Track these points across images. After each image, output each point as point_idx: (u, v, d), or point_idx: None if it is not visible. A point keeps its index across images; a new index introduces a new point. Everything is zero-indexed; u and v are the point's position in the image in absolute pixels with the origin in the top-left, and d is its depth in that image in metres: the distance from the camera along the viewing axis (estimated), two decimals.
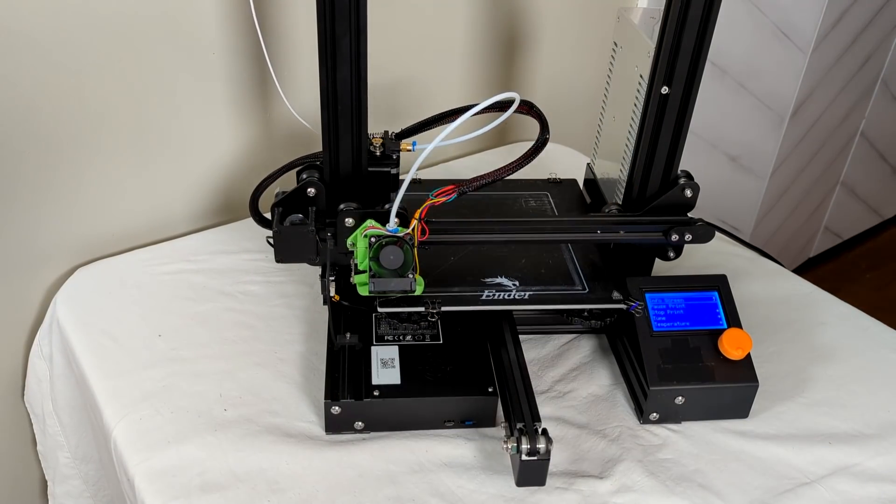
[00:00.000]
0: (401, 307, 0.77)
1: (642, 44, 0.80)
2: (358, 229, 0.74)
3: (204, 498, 0.69)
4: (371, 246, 0.73)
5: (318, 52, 0.70)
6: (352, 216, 0.75)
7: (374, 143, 0.79)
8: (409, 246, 0.73)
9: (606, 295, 0.81)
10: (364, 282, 0.74)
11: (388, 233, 0.73)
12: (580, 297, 0.81)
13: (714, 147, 1.62)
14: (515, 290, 0.81)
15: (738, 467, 0.75)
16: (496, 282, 0.81)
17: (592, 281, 0.83)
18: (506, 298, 0.80)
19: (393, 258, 0.72)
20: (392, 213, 0.73)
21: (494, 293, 0.80)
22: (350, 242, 0.75)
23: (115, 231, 1.00)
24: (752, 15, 1.49)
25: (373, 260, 0.73)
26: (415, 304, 0.77)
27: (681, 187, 0.82)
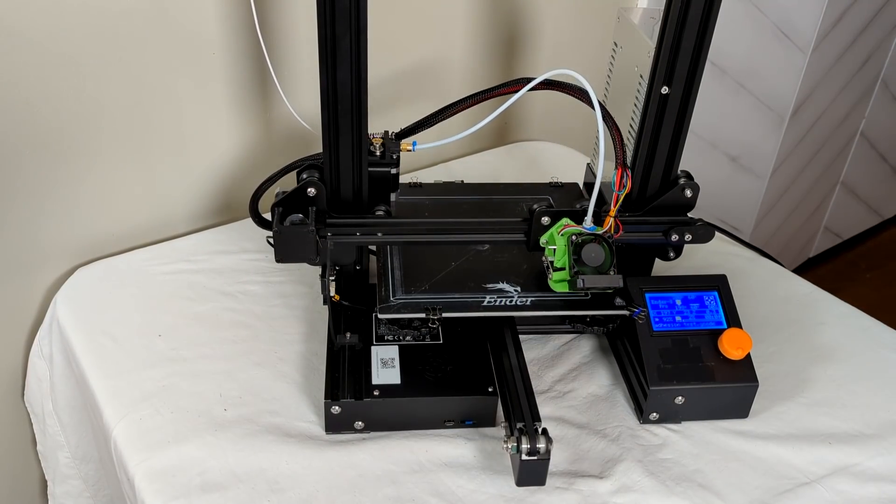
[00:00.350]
0: (401, 313, 0.77)
1: (642, 44, 0.80)
2: (553, 227, 0.76)
3: (204, 498, 0.69)
4: (572, 244, 0.74)
5: (318, 52, 0.70)
6: (548, 215, 0.76)
7: (374, 144, 0.79)
8: (608, 243, 0.74)
9: (609, 301, 0.80)
10: (563, 278, 0.75)
11: (586, 231, 0.75)
12: (582, 302, 0.80)
13: (714, 147, 1.62)
14: (517, 295, 0.79)
15: (738, 467, 0.75)
16: (497, 287, 0.80)
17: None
18: (507, 304, 0.79)
19: (594, 255, 0.74)
20: (589, 210, 0.75)
21: (496, 299, 0.79)
22: (545, 240, 0.77)
23: (115, 231, 1.00)
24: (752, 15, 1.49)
25: (575, 258, 0.74)
26: (415, 310, 0.77)
27: (681, 187, 0.82)
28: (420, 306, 0.77)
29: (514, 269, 0.83)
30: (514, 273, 0.82)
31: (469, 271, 0.82)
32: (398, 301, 0.77)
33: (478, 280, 0.81)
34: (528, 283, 0.81)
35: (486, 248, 0.85)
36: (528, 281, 0.81)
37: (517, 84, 0.77)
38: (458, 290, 0.80)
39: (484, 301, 0.79)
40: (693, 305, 0.81)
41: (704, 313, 0.80)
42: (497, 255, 0.85)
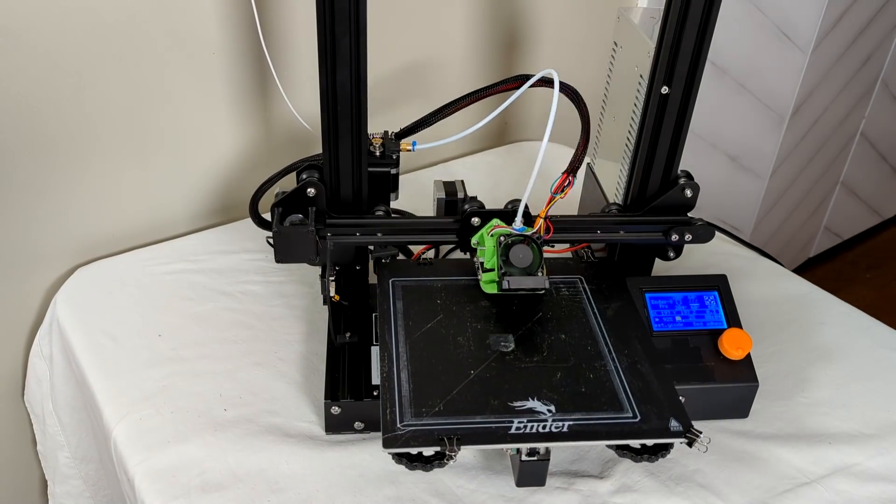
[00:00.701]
0: (410, 447, 0.64)
1: (642, 44, 0.80)
2: (483, 228, 0.76)
3: (204, 498, 0.69)
4: (500, 245, 0.74)
5: (317, 53, 0.70)
6: (478, 216, 0.76)
7: (374, 144, 0.79)
8: (537, 244, 0.74)
9: (663, 425, 0.66)
10: (492, 279, 0.75)
11: (515, 232, 0.74)
12: (631, 428, 0.66)
13: (714, 147, 1.62)
14: (551, 418, 0.66)
15: (738, 467, 0.74)
16: (527, 406, 0.67)
17: (644, 403, 0.68)
18: (541, 432, 0.65)
19: (522, 256, 0.73)
20: (519, 212, 0.74)
21: (526, 424, 0.65)
22: (475, 241, 0.76)
23: (115, 231, 1.00)
24: (752, 15, 1.49)
25: (502, 259, 0.74)
26: (428, 441, 0.64)
27: (681, 187, 0.82)
28: (433, 435, 0.64)
29: (545, 379, 0.70)
30: (546, 385, 0.69)
31: (491, 384, 0.69)
32: (407, 429, 0.64)
33: (502, 396, 0.68)
34: (563, 399, 0.68)
35: (511, 350, 0.72)
36: (562, 397, 0.68)
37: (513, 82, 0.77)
38: (478, 411, 0.66)
39: (511, 427, 0.65)
40: (693, 305, 0.81)
41: (704, 313, 0.80)
42: (524, 360, 0.72)
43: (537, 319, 0.76)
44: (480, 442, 0.64)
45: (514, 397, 0.68)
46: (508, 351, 0.72)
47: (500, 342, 0.73)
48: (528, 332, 0.75)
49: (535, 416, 0.66)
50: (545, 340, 0.74)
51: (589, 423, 0.66)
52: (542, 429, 0.65)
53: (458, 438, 0.63)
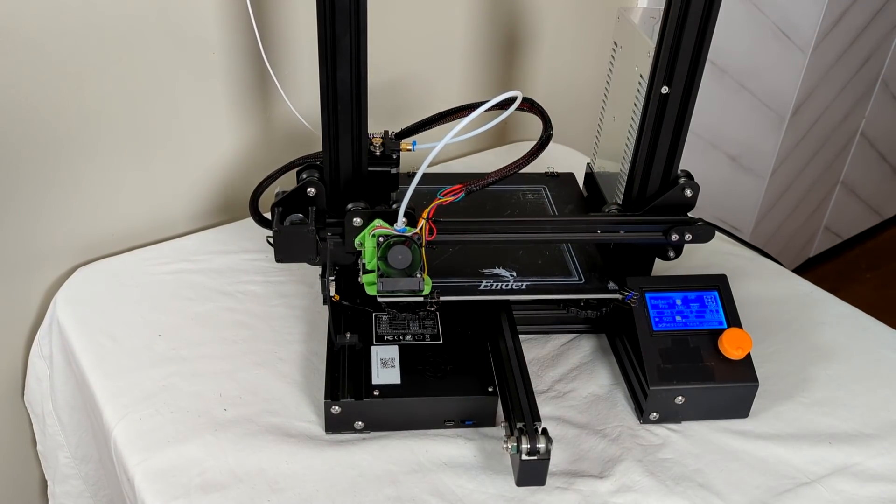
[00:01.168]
0: (399, 297, 0.77)
1: (642, 44, 0.80)
2: (366, 229, 0.75)
3: (204, 498, 0.69)
4: (379, 245, 0.73)
5: (318, 52, 0.70)
6: (360, 216, 0.75)
7: (374, 143, 0.79)
8: (417, 245, 0.73)
9: (602, 286, 0.82)
10: (372, 281, 0.74)
11: (396, 232, 0.73)
12: (577, 287, 0.83)
13: (714, 147, 1.62)
14: (513, 280, 0.82)
15: (738, 467, 0.75)
16: (494, 272, 0.82)
17: (589, 272, 0.84)
18: (504, 288, 0.81)
19: (401, 258, 0.73)
20: (400, 212, 0.73)
21: (492, 283, 0.81)
22: (358, 242, 0.76)
23: (115, 231, 1.00)
24: (752, 15, 1.49)
25: (381, 260, 0.73)
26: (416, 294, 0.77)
27: (681, 187, 0.82)
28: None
29: (510, 255, 0.85)
30: (510, 259, 0.84)
31: (466, 258, 0.85)
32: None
33: (475, 266, 0.83)
34: (523, 268, 0.83)
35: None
36: (523, 266, 0.84)
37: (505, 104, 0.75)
38: (455, 276, 0.82)
39: (480, 285, 0.81)
40: (693, 305, 0.81)
41: (704, 313, 0.80)
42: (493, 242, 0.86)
43: (506, 215, 0.94)
44: (455, 294, 0.80)
45: (484, 266, 0.83)
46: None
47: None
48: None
49: (500, 278, 0.82)
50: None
51: (543, 284, 0.82)
52: (504, 286, 0.81)
53: (437, 291, 0.78)
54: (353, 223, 0.75)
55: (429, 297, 0.77)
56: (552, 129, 0.80)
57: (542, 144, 0.78)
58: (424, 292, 0.75)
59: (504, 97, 0.71)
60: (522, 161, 0.76)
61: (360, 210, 0.75)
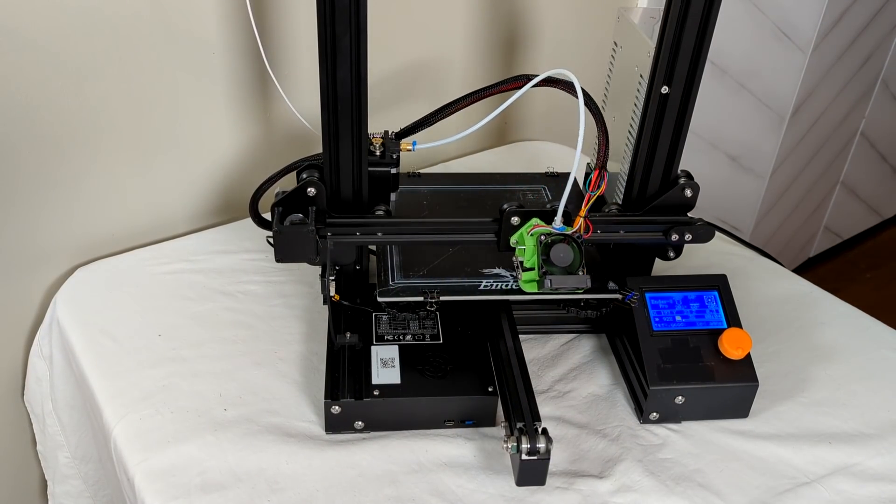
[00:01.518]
0: (400, 297, 0.78)
1: (642, 44, 0.80)
2: (523, 227, 0.76)
3: (204, 498, 0.69)
4: (540, 244, 0.74)
5: (318, 52, 0.70)
6: (518, 215, 0.76)
7: (374, 143, 0.79)
8: (577, 243, 0.74)
9: (602, 286, 0.81)
10: (532, 279, 0.75)
11: (556, 231, 0.74)
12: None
13: (714, 147, 1.62)
14: (513, 279, 0.81)
15: (738, 467, 0.75)
16: (494, 272, 0.82)
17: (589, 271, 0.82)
18: (504, 288, 0.80)
19: (563, 255, 0.73)
20: (559, 211, 0.74)
21: (493, 283, 0.81)
22: (514, 240, 0.76)
23: (115, 231, 1.00)
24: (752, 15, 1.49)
25: (543, 258, 0.74)
26: (414, 293, 0.78)
27: (681, 187, 0.82)
28: (418, 290, 0.79)
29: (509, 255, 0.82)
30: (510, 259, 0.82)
31: (466, 257, 0.84)
32: (397, 285, 0.79)
33: (475, 265, 0.83)
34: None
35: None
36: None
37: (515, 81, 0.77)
38: (455, 275, 0.82)
39: (480, 285, 0.81)
40: (693, 305, 0.81)
41: (704, 313, 0.80)
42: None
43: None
44: (455, 294, 0.79)
45: (484, 266, 0.83)
46: None
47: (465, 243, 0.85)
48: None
49: (501, 278, 0.82)
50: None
51: None
52: (505, 286, 0.81)
53: (437, 291, 0.78)
54: (510, 222, 0.76)
55: (428, 296, 0.78)
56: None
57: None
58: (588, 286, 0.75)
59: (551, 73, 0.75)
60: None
61: (518, 209, 0.76)
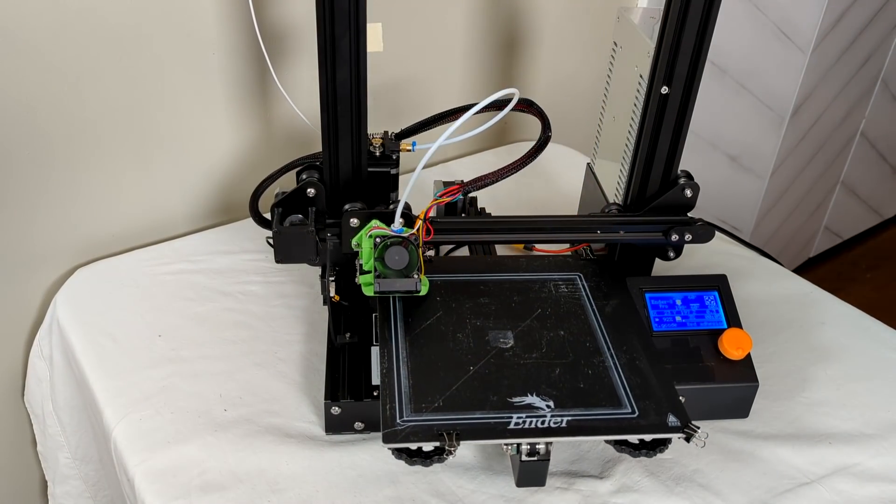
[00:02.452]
0: (409, 442, 0.64)
1: (642, 44, 0.80)
2: (363, 230, 0.75)
3: (204, 498, 0.69)
4: (376, 246, 0.73)
5: (317, 53, 0.70)
6: (357, 216, 0.75)
7: (374, 144, 0.79)
8: (414, 246, 0.73)
9: (661, 420, 0.66)
10: (369, 282, 0.74)
11: (393, 233, 0.73)
12: (629, 423, 0.67)
13: (714, 147, 1.62)
14: (550, 414, 0.66)
15: (738, 467, 0.74)
16: (526, 402, 0.67)
17: (642, 399, 0.69)
18: (539, 427, 0.65)
19: (398, 258, 0.72)
20: (397, 213, 0.73)
21: (525, 419, 0.66)
22: (355, 243, 0.75)
23: (115, 231, 1.00)
24: (752, 15, 1.49)
25: (378, 260, 0.73)
26: (427, 437, 0.64)
27: (681, 187, 0.82)
28: (433, 431, 0.64)
29: (543, 375, 0.70)
30: (545, 381, 0.70)
31: (490, 380, 0.70)
32: (407, 424, 0.65)
33: (501, 392, 0.68)
34: (561, 395, 0.68)
35: (510, 346, 0.73)
36: (561, 393, 0.69)
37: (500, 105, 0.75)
38: (478, 407, 0.67)
39: (510, 423, 0.65)
40: (693, 305, 0.81)
41: (704, 313, 0.80)
42: (523, 357, 0.72)
43: (536, 316, 0.77)
44: (479, 437, 0.65)
45: (513, 393, 0.68)
46: (507, 347, 0.73)
47: (500, 339, 0.74)
48: (527, 329, 0.75)
49: (534, 411, 0.67)
50: (544, 337, 0.74)
51: (587, 419, 0.67)
52: (540, 424, 0.66)
53: (457, 434, 0.64)
54: (350, 224, 0.75)
55: (445, 440, 0.63)
56: (550, 130, 0.79)
57: (541, 146, 0.78)
58: (421, 293, 0.74)
59: (500, 95, 0.71)
60: (520, 162, 0.76)
61: (358, 210, 0.75)
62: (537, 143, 0.78)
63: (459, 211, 0.95)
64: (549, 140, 0.78)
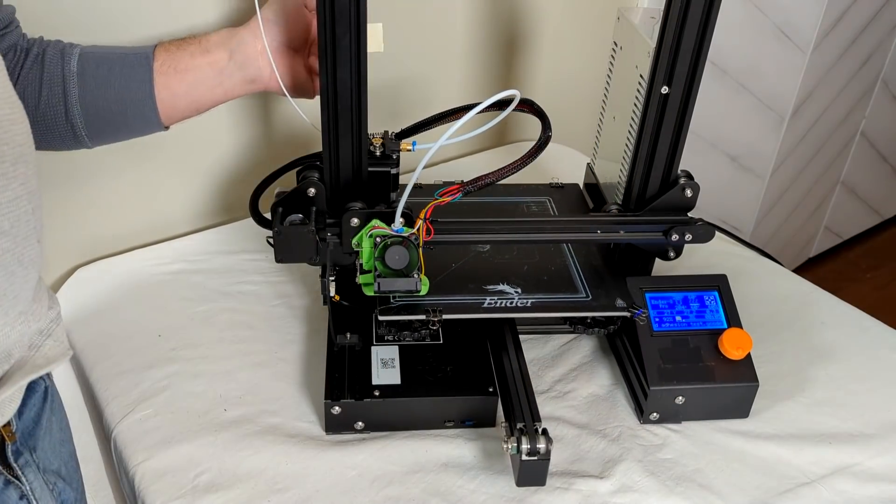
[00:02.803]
0: (401, 315, 0.76)
1: (642, 44, 0.80)
2: (363, 229, 0.75)
3: (204, 498, 0.69)
4: (376, 246, 0.73)
5: (318, 52, 0.70)
6: (357, 216, 0.75)
7: (374, 143, 0.79)
8: (415, 246, 0.73)
9: (610, 302, 0.79)
10: (369, 282, 0.74)
11: (393, 233, 0.73)
12: (583, 304, 0.80)
13: (714, 147, 1.62)
14: (518, 297, 0.79)
15: (738, 467, 0.75)
16: (498, 289, 0.80)
17: (595, 287, 0.81)
18: (508, 306, 0.78)
19: (398, 258, 0.72)
20: (397, 213, 0.73)
21: (496, 300, 0.79)
22: (355, 242, 0.75)
23: (115, 231, 1.00)
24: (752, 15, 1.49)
25: (378, 260, 0.73)
26: (415, 311, 0.76)
27: (681, 187, 0.82)
28: (420, 308, 0.76)
29: (514, 270, 0.83)
30: (515, 274, 0.82)
31: (469, 273, 0.82)
32: (398, 302, 0.77)
33: (478, 282, 0.81)
34: (528, 284, 0.81)
35: (487, 250, 0.85)
36: (528, 282, 0.81)
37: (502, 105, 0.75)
38: (458, 292, 0.79)
39: (484, 303, 0.78)
40: (693, 305, 0.81)
41: (705, 313, 0.80)
42: (497, 257, 0.85)
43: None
44: (458, 312, 0.77)
45: (488, 283, 0.81)
46: (484, 251, 0.86)
47: (478, 245, 0.86)
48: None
49: (505, 295, 0.79)
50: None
51: (549, 301, 0.80)
52: (509, 303, 0.78)
53: (439, 309, 0.76)
54: (350, 223, 0.75)
55: (431, 314, 0.75)
56: (551, 130, 0.79)
57: (541, 146, 0.78)
58: (422, 293, 0.74)
59: (501, 96, 0.71)
60: (521, 162, 0.76)
61: (358, 210, 0.75)
62: (538, 142, 0.78)
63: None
64: (549, 140, 0.78)
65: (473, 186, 0.74)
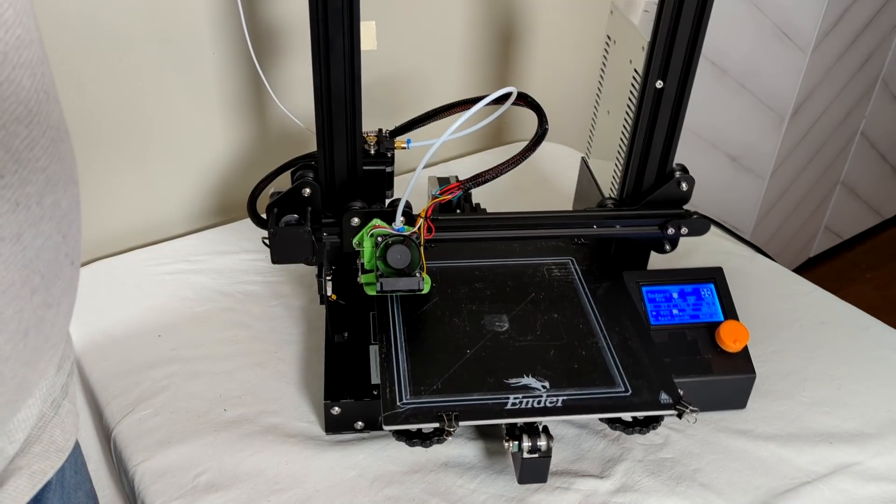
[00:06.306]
0: (410, 423, 0.65)
1: (636, 38, 0.80)
2: (364, 229, 0.74)
3: (204, 498, 0.68)
4: (378, 245, 0.73)
5: (311, 52, 0.70)
6: (358, 216, 0.74)
7: (369, 141, 0.79)
8: (416, 244, 0.73)
9: (653, 398, 0.68)
10: (371, 281, 0.74)
11: (394, 232, 0.73)
12: (623, 401, 0.68)
13: (714, 147, 1.62)
14: (546, 394, 0.68)
15: (738, 466, 0.74)
16: (522, 383, 0.69)
17: (635, 377, 0.70)
18: (535, 407, 0.67)
19: (400, 257, 0.72)
20: (398, 211, 0.73)
21: (521, 399, 0.67)
22: (356, 242, 0.75)
23: (114, 231, 1.00)
24: (752, 15, 1.49)
25: (380, 259, 0.73)
26: (427, 418, 0.66)
27: (676, 181, 0.81)
28: (432, 412, 0.66)
29: (539, 356, 0.72)
30: (540, 362, 0.71)
31: (487, 362, 0.71)
32: (407, 407, 0.66)
33: (498, 374, 0.69)
34: (556, 375, 0.70)
35: (505, 329, 0.75)
36: (556, 373, 0.70)
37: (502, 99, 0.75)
38: (475, 389, 0.68)
39: (507, 403, 0.67)
40: (690, 298, 0.81)
41: (701, 306, 0.80)
42: (518, 339, 0.74)
43: (530, 300, 0.78)
44: (478, 417, 0.66)
45: (510, 375, 0.70)
46: (503, 331, 0.74)
47: (495, 322, 0.75)
48: (522, 312, 0.77)
49: (530, 391, 0.68)
50: (538, 320, 0.76)
51: (582, 398, 0.68)
52: (536, 404, 0.67)
53: (456, 415, 0.65)
54: (351, 223, 0.75)
55: (444, 421, 0.65)
56: (547, 123, 0.79)
57: (539, 139, 0.78)
58: (424, 291, 0.74)
59: (500, 93, 0.71)
60: (519, 157, 0.76)
61: (358, 210, 0.75)
62: (535, 136, 0.78)
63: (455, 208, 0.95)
64: (546, 133, 0.78)
65: (472, 184, 0.74)
